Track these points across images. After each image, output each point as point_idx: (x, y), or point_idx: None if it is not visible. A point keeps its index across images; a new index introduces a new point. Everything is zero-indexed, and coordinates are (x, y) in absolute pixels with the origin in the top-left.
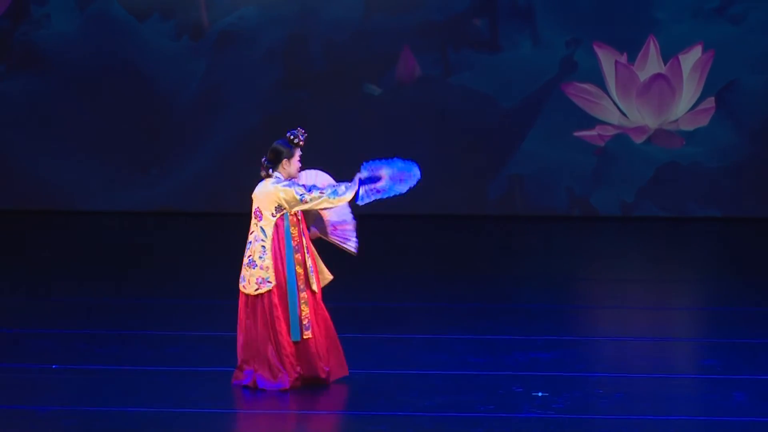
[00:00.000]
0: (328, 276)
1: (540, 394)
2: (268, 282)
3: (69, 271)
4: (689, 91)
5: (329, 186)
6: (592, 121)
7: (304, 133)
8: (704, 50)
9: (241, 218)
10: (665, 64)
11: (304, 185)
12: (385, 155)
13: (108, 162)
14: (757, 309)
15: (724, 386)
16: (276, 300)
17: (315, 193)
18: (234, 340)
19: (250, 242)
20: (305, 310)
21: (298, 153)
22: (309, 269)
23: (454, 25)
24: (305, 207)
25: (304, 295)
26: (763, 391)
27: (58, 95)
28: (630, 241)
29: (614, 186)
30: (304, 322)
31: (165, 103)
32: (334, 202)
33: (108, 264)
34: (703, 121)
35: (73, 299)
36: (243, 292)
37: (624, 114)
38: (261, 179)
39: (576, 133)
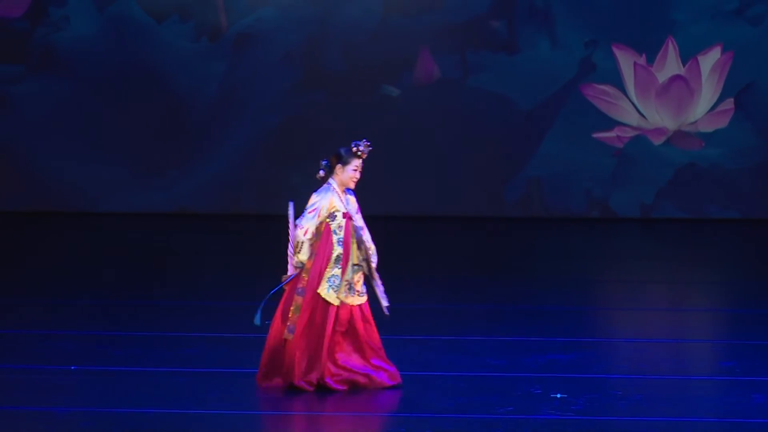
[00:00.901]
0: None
1: (558, 395)
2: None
3: (87, 273)
4: (708, 92)
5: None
6: (610, 123)
7: (369, 145)
8: (723, 51)
9: (259, 220)
10: (684, 66)
11: (310, 207)
12: (403, 157)
13: (126, 163)
14: None
15: (742, 388)
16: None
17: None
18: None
19: None
20: (295, 314)
21: (354, 162)
22: (314, 277)
23: (472, 27)
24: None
25: (299, 299)
26: None
27: (76, 97)
28: (649, 242)
29: (633, 187)
30: (289, 324)
31: (183, 104)
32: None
33: (126, 266)
34: (722, 122)
35: (92, 301)
36: None
37: (643, 115)
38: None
39: (595, 135)
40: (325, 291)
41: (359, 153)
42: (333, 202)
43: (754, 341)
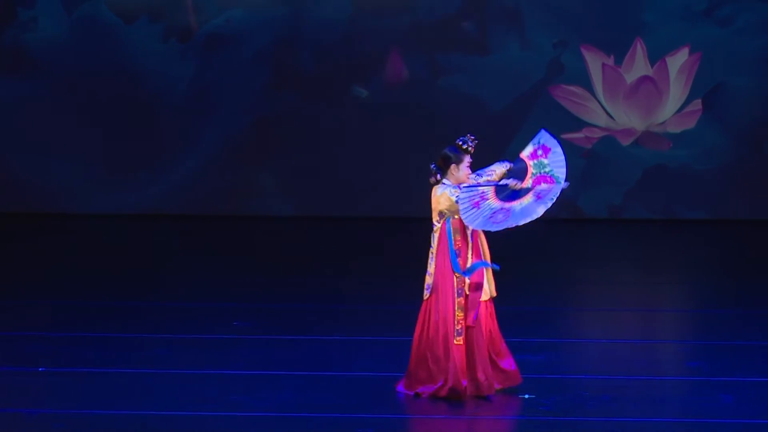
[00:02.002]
0: (491, 293)
1: (527, 396)
2: (428, 289)
3: (58, 274)
4: (676, 93)
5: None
6: (579, 124)
7: (474, 139)
8: (691, 52)
9: (231, 220)
10: (652, 67)
11: (460, 187)
12: (372, 157)
13: (97, 165)
14: (744, 311)
15: (710, 388)
16: (432, 306)
17: (467, 192)
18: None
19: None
20: (459, 315)
21: (467, 159)
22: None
23: (442, 28)
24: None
25: (460, 300)
26: (749, 393)
27: (45, 98)
28: (617, 243)
29: (602, 188)
30: (457, 328)
31: (153, 105)
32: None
33: (98, 267)
34: (690, 123)
35: (62, 302)
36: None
37: (611, 116)
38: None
39: (563, 136)
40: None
41: (469, 149)
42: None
43: (722, 342)
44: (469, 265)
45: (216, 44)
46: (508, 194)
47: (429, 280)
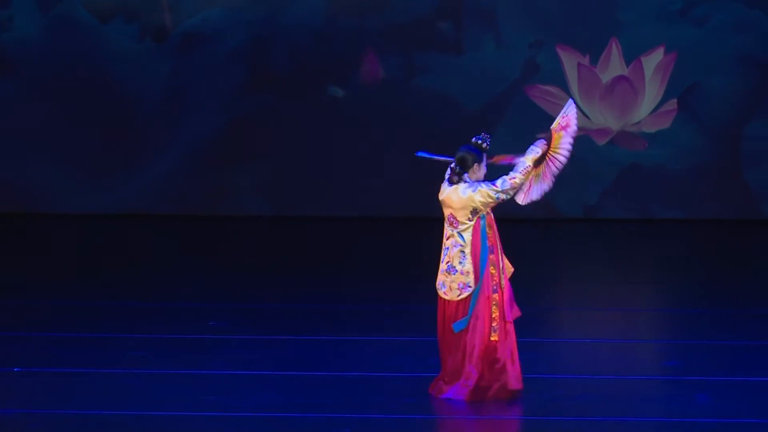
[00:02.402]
0: (510, 268)
1: None
2: (469, 287)
3: (34, 274)
4: (652, 93)
5: (516, 176)
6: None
7: (489, 137)
8: (667, 52)
9: (206, 220)
10: (628, 66)
11: (490, 183)
12: (348, 157)
13: (73, 165)
14: (720, 311)
15: (686, 387)
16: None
17: (507, 183)
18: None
19: (448, 248)
20: (495, 312)
21: (485, 158)
22: (501, 270)
23: (418, 28)
24: (506, 197)
25: (496, 296)
26: (724, 392)
27: (21, 98)
28: (593, 243)
29: (577, 188)
30: (494, 325)
31: (129, 105)
32: (528, 171)
33: (73, 267)
34: (666, 123)
35: (39, 302)
36: (444, 298)
37: (586, 116)
38: (449, 183)
39: (539, 136)
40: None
41: (487, 147)
42: None
43: (697, 341)
44: (501, 262)
45: (192, 44)
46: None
47: (464, 278)
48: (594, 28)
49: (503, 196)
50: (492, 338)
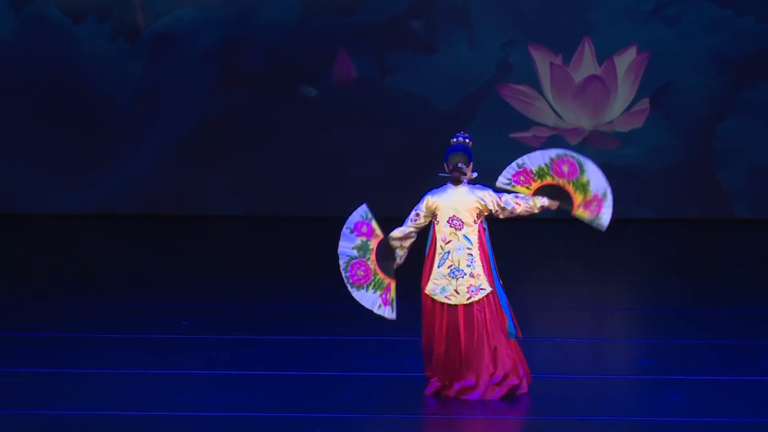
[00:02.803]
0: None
1: None
2: (482, 289)
3: (4, 274)
4: (624, 92)
5: (524, 197)
6: (527, 123)
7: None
8: (639, 52)
9: (179, 220)
10: (600, 66)
11: (495, 193)
12: (321, 157)
13: (45, 165)
14: (692, 310)
15: (658, 387)
16: (493, 306)
17: (510, 205)
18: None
19: (448, 252)
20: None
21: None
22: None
23: (390, 27)
24: (501, 215)
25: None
26: (696, 392)
27: None
28: (565, 242)
29: None
30: (509, 324)
31: (102, 105)
32: (531, 209)
33: (45, 267)
34: (638, 122)
35: (9, 302)
36: (447, 303)
37: (559, 115)
38: (450, 185)
39: (512, 135)
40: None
41: (470, 144)
42: None
43: (669, 340)
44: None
45: (164, 43)
46: None
47: (474, 281)
48: (567, 28)
49: (501, 213)
50: (519, 335)
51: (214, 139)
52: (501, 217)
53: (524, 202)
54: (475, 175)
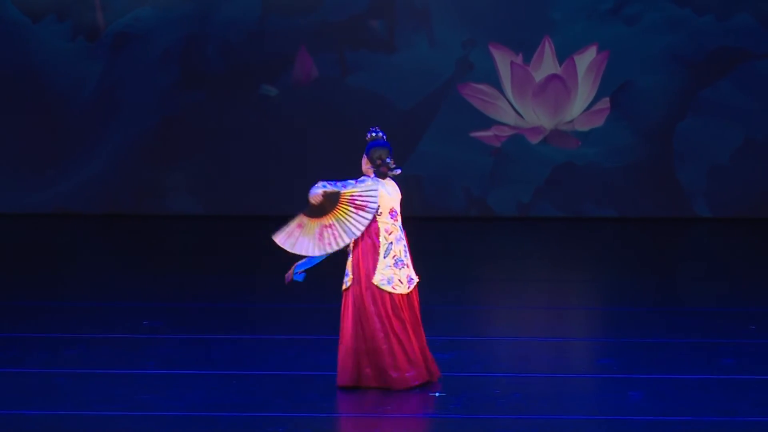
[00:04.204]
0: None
1: (437, 394)
2: (413, 279)
3: None
4: (584, 91)
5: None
6: (488, 122)
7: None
8: (599, 51)
9: (137, 219)
10: (560, 65)
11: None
12: (281, 156)
13: (3, 164)
14: (653, 309)
15: (620, 385)
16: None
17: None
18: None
19: (391, 243)
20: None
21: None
22: None
23: (350, 26)
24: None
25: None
26: (658, 390)
27: None
28: (526, 241)
29: (511, 186)
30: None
31: (61, 104)
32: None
33: (4, 266)
34: (598, 121)
35: None
36: (392, 293)
37: (520, 114)
38: (380, 177)
39: (472, 134)
40: None
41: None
42: None
43: (630, 339)
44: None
45: (124, 43)
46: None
47: (410, 271)
48: (527, 27)
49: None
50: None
51: (173, 138)
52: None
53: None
54: (398, 171)
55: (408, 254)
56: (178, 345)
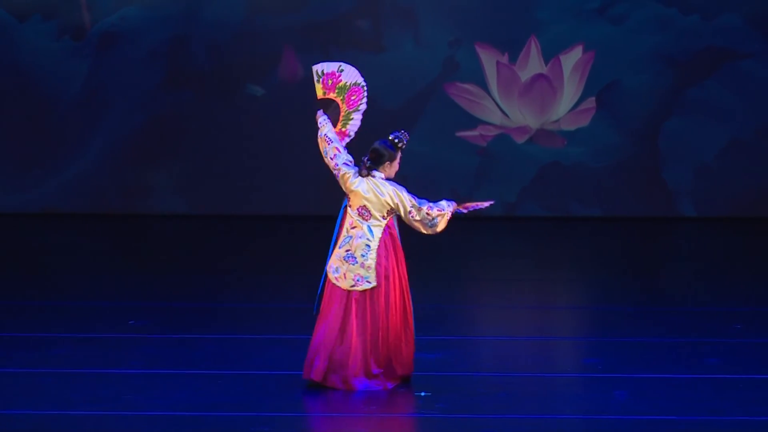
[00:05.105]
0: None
1: (423, 393)
2: (368, 282)
3: None
4: (570, 91)
5: (434, 209)
6: (474, 122)
7: (407, 136)
8: (585, 50)
9: (125, 219)
10: (546, 65)
11: (412, 197)
12: (268, 156)
13: None
14: (638, 308)
15: (605, 384)
16: (381, 300)
17: (421, 214)
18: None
19: (350, 237)
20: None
21: (399, 156)
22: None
23: (337, 26)
24: (408, 221)
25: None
26: (643, 389)
27: None
28: (513, 240)
29: (497, 186)
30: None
31: (47, 104)
32: (428, 230)
33: None
34: (584, 121)
35: None
36: (334, 283)
37: (506, 114)
38: (359, 175)
39: (458, 134)
40: None
41: (403, 146)
42: None
43: (616, 338)
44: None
45: (110, 42)
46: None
47: (363, 272)
48: (513, 27)
49: (411, 216)
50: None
51: (159, 137)
52: (409, 220)
53: (437, 212)
54: (381, 176)
55: (372, 258)
56: (163, 344)
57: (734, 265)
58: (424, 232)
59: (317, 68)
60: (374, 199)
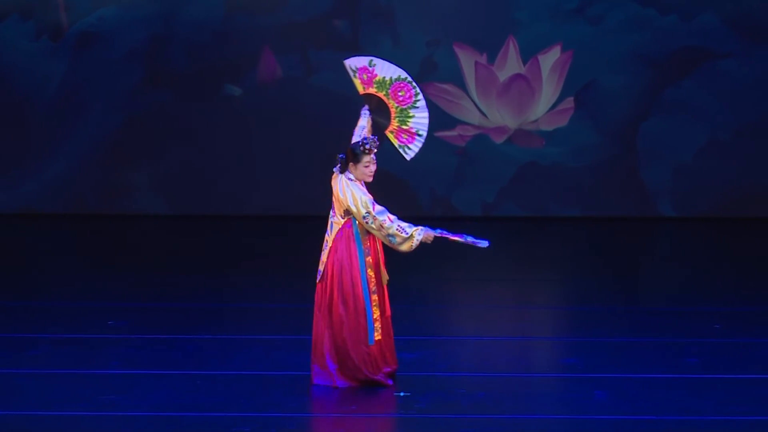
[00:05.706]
0: (385, 276)
1: (402, 394)
2: (319, 275)
3: None
4: (548, 91)
5: (394, 224)
6: (452, 122)
7: (377, 142)
8: (563, 50)
9: (103, 219)
10: (524, 65)
11: (374, 203)
12: (246, 156)
13: None
14: (617, 308)
15: (584, 385)
16: (334, 295)
17: (376, 224)
18: None
19: (328, 230)
20: (375, 313)
21: (366, 159)
22: (380, 271)
23: (315, 26)
24: (369, 225)
25: (375, 297)
26: (623, 390)
27: None
28: (491, 240)
29: (475, 186)
30: (376, 325)
31: (25, 104)
32: (389, 244)
33: None
34: (563, 121)
35: None
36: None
37: (484, 114)
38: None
39: (437, 134)
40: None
41: (366, 150)
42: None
43: (595, 338)
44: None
45: (88, 42)
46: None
47: (319, 265)
48: (491, 27)
49: (366, 223)
50: (376, 337)
51: (138, 138)
52: (369, 226)
53: (395, 229)
54: (351, 176)
55: (324, 254)
56: (143, 345)
57: (713, 265)
58: (388, 245)
59: (349, 64)
60: (338, 198)
